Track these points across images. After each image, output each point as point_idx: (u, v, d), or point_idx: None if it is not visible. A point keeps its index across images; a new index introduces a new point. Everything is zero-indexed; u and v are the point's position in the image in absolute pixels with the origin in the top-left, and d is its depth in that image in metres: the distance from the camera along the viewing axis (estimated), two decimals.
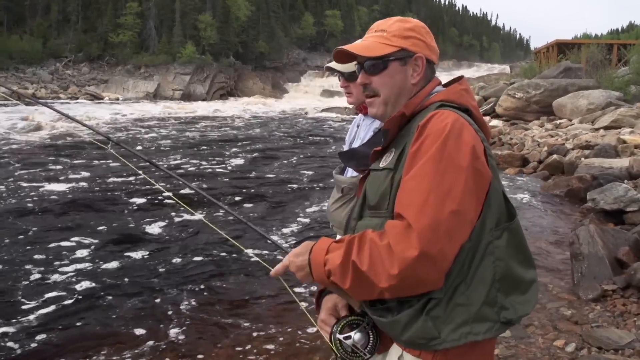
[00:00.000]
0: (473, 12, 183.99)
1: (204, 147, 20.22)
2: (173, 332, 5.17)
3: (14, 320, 5.31)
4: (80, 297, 5.97)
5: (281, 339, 4.97)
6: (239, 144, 21.77)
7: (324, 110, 46.63)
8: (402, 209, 1.60)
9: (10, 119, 26.14)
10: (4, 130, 22.63)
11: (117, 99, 56.82)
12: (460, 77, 1.91)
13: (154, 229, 8.74)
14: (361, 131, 3.10)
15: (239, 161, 16.71)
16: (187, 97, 61.12)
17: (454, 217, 1.55)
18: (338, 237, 3.13)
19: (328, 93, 65.38)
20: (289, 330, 5.13)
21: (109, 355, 4.68)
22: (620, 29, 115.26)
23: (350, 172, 2.97)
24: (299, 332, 5.05)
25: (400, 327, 1.65)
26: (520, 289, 1.70)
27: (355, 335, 1.76)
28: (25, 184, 11.84)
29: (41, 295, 5.93)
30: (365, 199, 1.85)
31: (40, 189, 11.36)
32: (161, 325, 5.30)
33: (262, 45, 73.83)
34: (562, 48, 37.68)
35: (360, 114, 3.15)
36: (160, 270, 6.92)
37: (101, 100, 54.14)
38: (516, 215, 1.75)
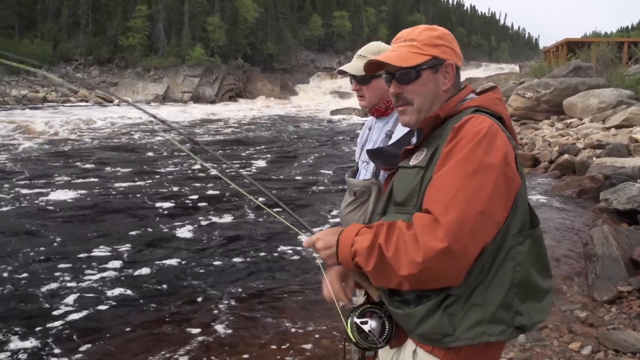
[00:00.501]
0: (481, 12, 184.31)
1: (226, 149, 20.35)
2: (214, 332, 5.27)
3: (53, 329, 5.33)
4: (117, 301, 6.04)
5: (319, 337, 5.05)
6: (256, 145, 22.00)
7: (333, 111, 46.57)
8: (430, 205, 1.65)
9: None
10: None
11: (127, 102, 56.79)
12: (494, 87, 1.96)
13: (183, 231, 8.87)
14: (373, 134, 3.09)
15: (260, 163, 16.84)
16: (196, 99, 61.26)
17: (480, 217, 1.59)
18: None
19: (337, 94, 65.36)
20: (325, 329, 5.23)
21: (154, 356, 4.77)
22: (630, 27, 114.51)
23: (363, 175, 2.95)
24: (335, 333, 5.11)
25: (415, 320, 1.70)
26: (537, 296, 1.74)
27: (372, 322, 1.82)
28: (52, 188, 11.92)
29: (78, 301, 5.98)
30: (391, 195, 1.90)
31: (63, 194, 11.44)
32: (202, 326, 5.40)
33: (270, 46, 73.88)
34: (571, 47, 37.42)
35: (372, 117, 3.14)
36: (195, 271, 7.04)
37: (111, 103, 54.34)
38: (539, 224, 1.79)
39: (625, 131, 14.35)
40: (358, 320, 1.83)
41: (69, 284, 6.42)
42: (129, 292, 6.30)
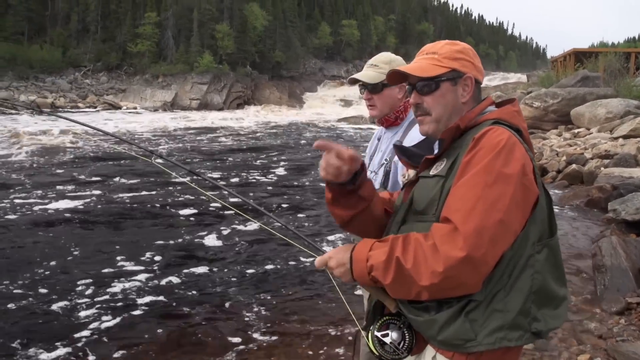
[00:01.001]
0: (489, 21, 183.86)
1: (232, 157, 20.34)
2: (248, 339, 5.31)
3: (83, 339, 5.32)
4: (146, 310, 6.05)
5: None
6: (268, 152, 22.11)
7: (341, 119, 46.66)
8: (449, 214, 1.68)
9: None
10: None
11: (135, 108, 57.22)
12: (513, 100, 1.98)
13: (207, 240, 8.91)
14: (382, 144, 3.10)
15: (273, 170, 16.95)
16: (204, 106, 61.39)
17: (499, 226, 1.63)
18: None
19: (345, 102, 65.39)
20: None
21: None
22: (637, 37, 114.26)
23: None
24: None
25: (437, 326, 1.72)
26: (553, 304, 1.78)
27: (393, 334, 1.84)
28: (71, 198, 11.97)
29: (106, 311, 5.97)
30: (411, 205, 1.92)
31: (82, 204, 11.46)
32: (234, 333, 5.45)
33: (278, 54, 74.06)
34: (579, 57, 37.40)
35: (381, 127, 3.15)
36: (222, 279, 7.08)
37: (119, 110, 54.61)
38: (556, 233, 1.83)
39: (633, 141, 14.32)
40: (379, 334, 1.86)
41: (95, 294, 6.39)
42: (157, 299, 6.30)
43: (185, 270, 7.30)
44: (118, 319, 5.74)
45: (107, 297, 6.34)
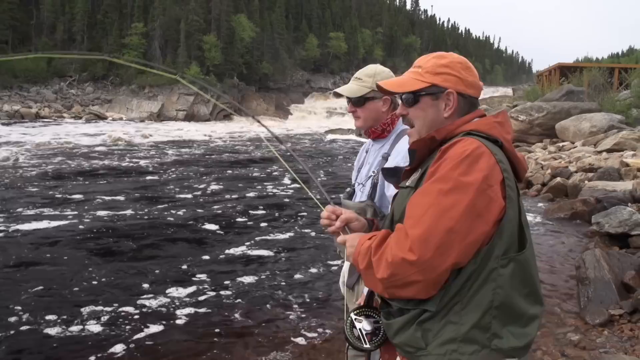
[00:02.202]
0: (476, 35, 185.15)
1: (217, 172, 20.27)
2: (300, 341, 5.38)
3: (134, 350, 5.28)
4: (190, 318, 6.02)
5: None
6: (250, 166, 21.91)
7: (328, 131, 46.74)
8: (405, 219, 1.74)
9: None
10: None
11: (121, 119, 57.01)
12: (501, 111, 1.99)
13: (242, 247, 8.99)
14: (370, 157, 3.11)
15: (253, 183, 16.75)
16: (191, 117, 61.27)
17: (448, 234, 1.63)
18: (346, 263, 3.17)
19: (331, 114, 65.54)
20: None
21: None
22: (620, 53, 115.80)
23: (359, 197, 2.97)
24: None
25: (393, 330, 1.80)
26: (520, 321, 1.74)
27: (366, 324, 1.96)
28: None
29: (150, 321, 5.92)
30: (393, 214, 1.98)
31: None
32: (286, 334, 5.54)
33: (266, 66, 74.19)
34: (564, 71, 37.76)
35: (369, 140, 3.16)
36: (261, 283, 7.19)
37: (105, 120, 54.37)
38: (526, 248, 1.78)
39: (616, 155, 14.46)
40: (354, 317, 1.98)
41: (135, 306, 6.31)
42: (199, 310, 6.27)
43: (222, 279, 7.32)
44: (163, 327, 5.75)
45: (149, 308, 6.29)
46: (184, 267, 7.86)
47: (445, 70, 1.92)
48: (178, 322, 5.91)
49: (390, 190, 2.81)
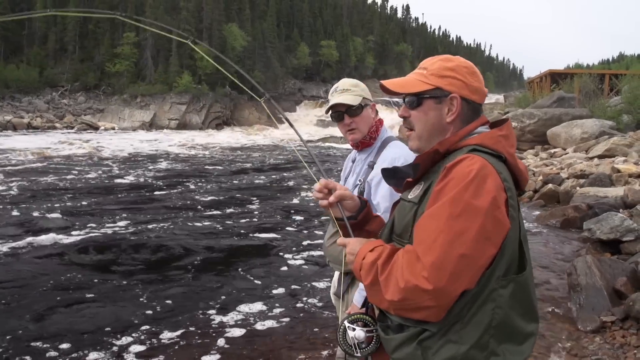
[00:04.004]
0: (467, 43, 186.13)
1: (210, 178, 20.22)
2: None
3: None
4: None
5: None
6: (237, 176, 21.82)
7: (320, 139, 46.88)
8: (415, 244, 1.68)
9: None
10: None
11: (113, 128, 56.91)
12: (505, 120, 1.93)
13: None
14: (357, 166, 3.13)
15: (240, 192, 16.71)
16: (183, 126, 61.25)
17: (462, 260, 1.59)
18: (335, 273, 3.17)
19: (323, 123, 65.59)
20: None
21: None
22: (610, 59, 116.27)
23: None
24: None
25: (392, 346, 1.78)
26: (517, 340, 1.73)
27: (358, 332, 1.93)
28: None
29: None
30: (393, 225, 1.95)
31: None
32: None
33: (258, 75, 74.11)
34: (555, 78, 37.99)
35: (354, 150, 3.17)
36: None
37: (97, 130, 54.27)
38: (526, 269, 1.76)
39: (608, 161, 14.53)
40: (347, 325, 1.96)
41: (217, 316, 6.28)
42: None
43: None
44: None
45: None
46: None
47: (451, 73, 1.88)
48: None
49: (377, 197, 2.82)
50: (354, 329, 1.94)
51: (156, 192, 15.80)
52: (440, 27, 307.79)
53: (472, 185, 1.62)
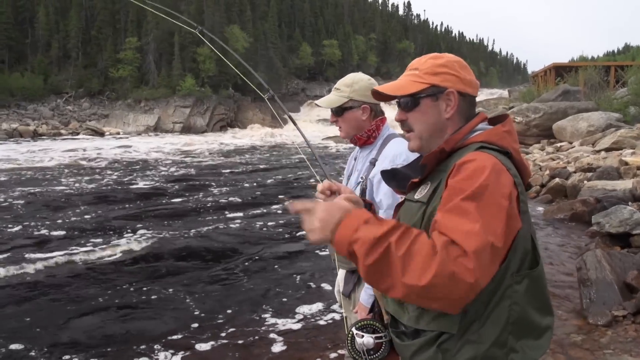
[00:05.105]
0: (469, 38, 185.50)
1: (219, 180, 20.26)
2: None
3: None
4: None
5: None
6: (239, 175, 21.85)
7: (324, 139, 46.92)
8: (446, 231, 1.52)
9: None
10: None
11: (118, 133, 57.07)
12: (506, 116, 1.91)
13: None
14: (358, 163, 3.14)
15: (244, 192, 16.72)
16: (188, 129, 61.35)
17: (493, 252, 1.52)
18: (340, 271, 3.14)
19: (327, 122, 65.65)
20: None
21: None
22: (616, 51, 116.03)
23: None
24: None
25: (411, 352, 1.74)
26: (534, 334, 1.71)
27: (366, 339, 1.89)
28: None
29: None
30: None
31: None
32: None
33: (260, 76, 74.11)
34: (559, 71, 37.90)
35: (356, 147, 3.18)
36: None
37: (103, 135, 54.41)
38: (539, 263, 1.75)
39: (615, 154, 14.44)
40: (355, 332, 1.92)
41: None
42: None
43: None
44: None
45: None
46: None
47: (444, 69, 1.87)
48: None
49: (380, 195, 2.82)
50: (362, 336, 1.90)
51: (174, 198, 15.77)
52: (442, 24, 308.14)
53: (490, 182, 1.59)
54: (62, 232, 10.84)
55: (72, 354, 5.48)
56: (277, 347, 5.56)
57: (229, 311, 6.65)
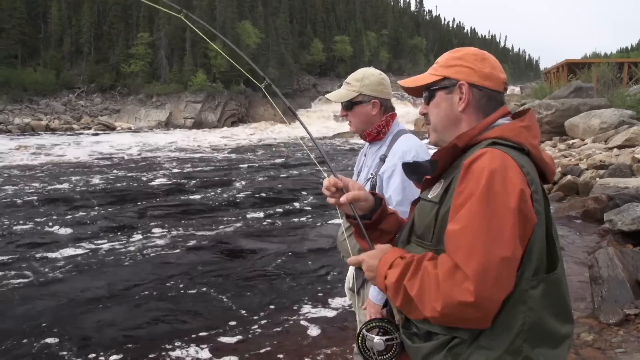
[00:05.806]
0: (482, 34, 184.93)
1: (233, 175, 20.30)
2: None
3: None
4: None
5: None
6: (255, 172, 21.89)
7: (335, 135, 46.90)
8: (450, 253, 1.59)
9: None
10: None
11: (130, 128, 57.28)
12: (527, 110, 1.86)
13: None
14: (368, 159, 3.13)
15: (250, 188, 16.74)
16: (199, 125, 61.42)
17: (503, 264, 1.51)
18: (350, 267, 3.13)
19: (339, 118, 65.59)
20: None
21: None
22: (630, 47, 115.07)
23: None
24: None
25: (421, 354, 1.71)
26: (552, 343, 1.65)
27: (377, 340, 1.88)
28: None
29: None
30: (413, 225, 1.88)
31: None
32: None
33: (272, 72, 74.22)
34: (572, 68, 37.65)
35: (366, 143, 3.17)
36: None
37: (114, 130, 54.64)
38: (557, 267, 1.69)
39: (628, 151, 14.32)
40: (366, 333, 1.91)
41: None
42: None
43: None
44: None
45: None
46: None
47: (458, 62, 1.86)
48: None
49: (389, 191, 2.80)
50: (372, 338, 1.88)
51: (191, 195, 15.74)
52: (454, 19, 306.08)
53: (496, 182, 1.55)
54: (84, 228, 10.97)
55: (102, 350, 5.54)
56: (313, 333, 5.78)
57: (260, 304, 6.78)
